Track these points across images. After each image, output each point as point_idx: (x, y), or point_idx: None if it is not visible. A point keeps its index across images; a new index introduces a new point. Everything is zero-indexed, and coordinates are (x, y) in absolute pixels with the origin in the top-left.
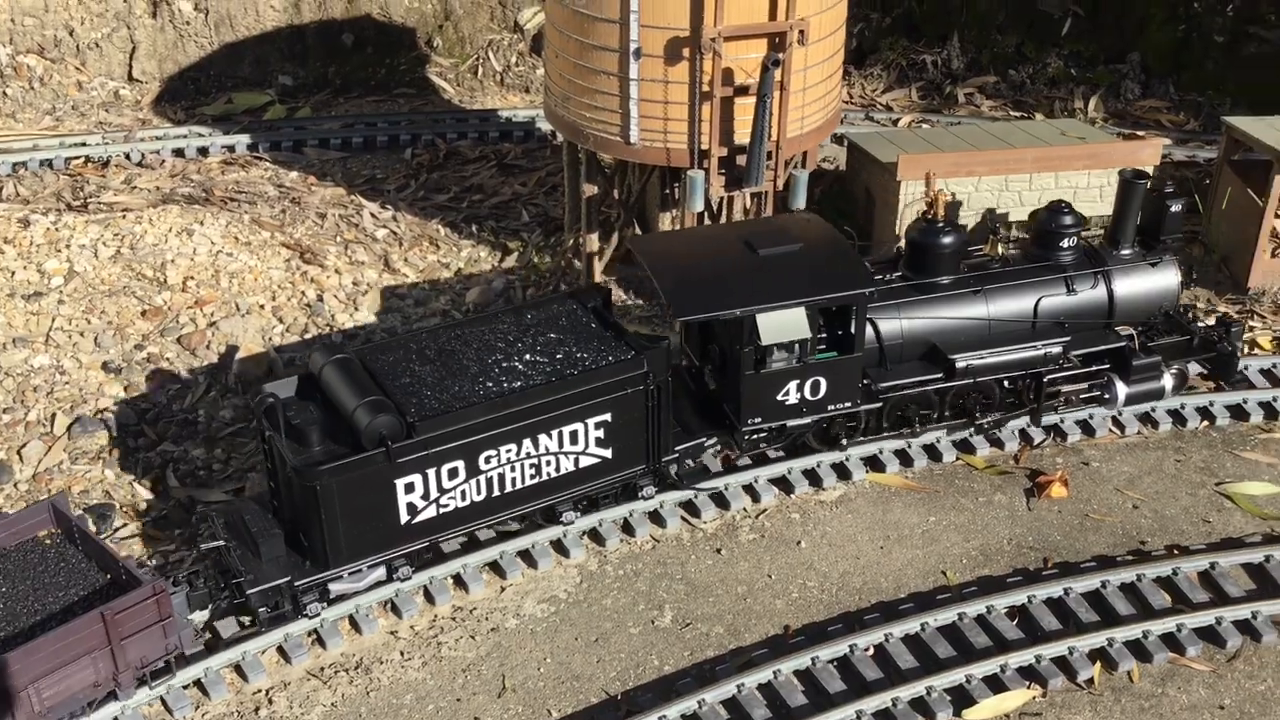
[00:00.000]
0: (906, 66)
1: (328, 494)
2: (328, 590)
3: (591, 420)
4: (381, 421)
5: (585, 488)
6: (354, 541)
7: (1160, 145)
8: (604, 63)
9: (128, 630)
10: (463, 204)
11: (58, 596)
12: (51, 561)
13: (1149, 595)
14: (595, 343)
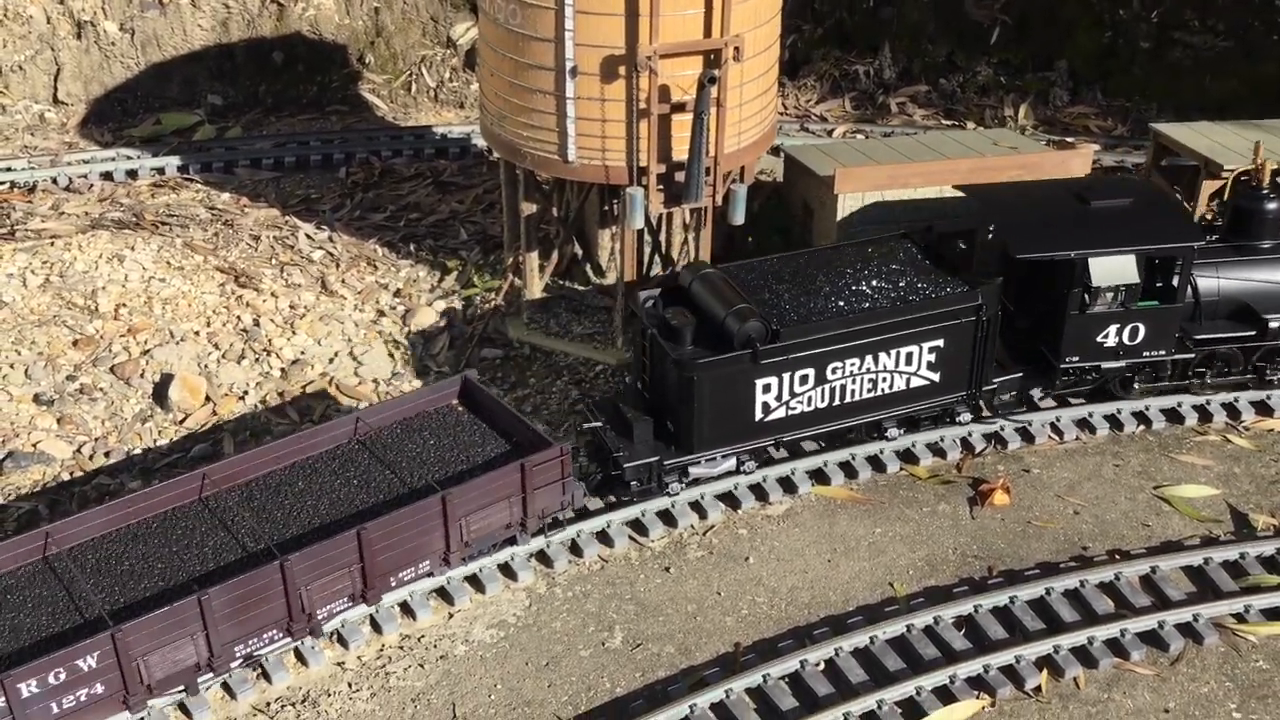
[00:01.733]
0: (839, 77)
1: (701, 386)
2: (687, 472)
3: (926, 345)
4: (751, 326)
5: (911, 408)
6: (715, 431)
7: (1091, 153)
8: (540, 81)
9: (539, 482)
10: (400, 223)
11: (476, 452)
12: (466, 424)
13: (1093, 601)
14: (932, 275)
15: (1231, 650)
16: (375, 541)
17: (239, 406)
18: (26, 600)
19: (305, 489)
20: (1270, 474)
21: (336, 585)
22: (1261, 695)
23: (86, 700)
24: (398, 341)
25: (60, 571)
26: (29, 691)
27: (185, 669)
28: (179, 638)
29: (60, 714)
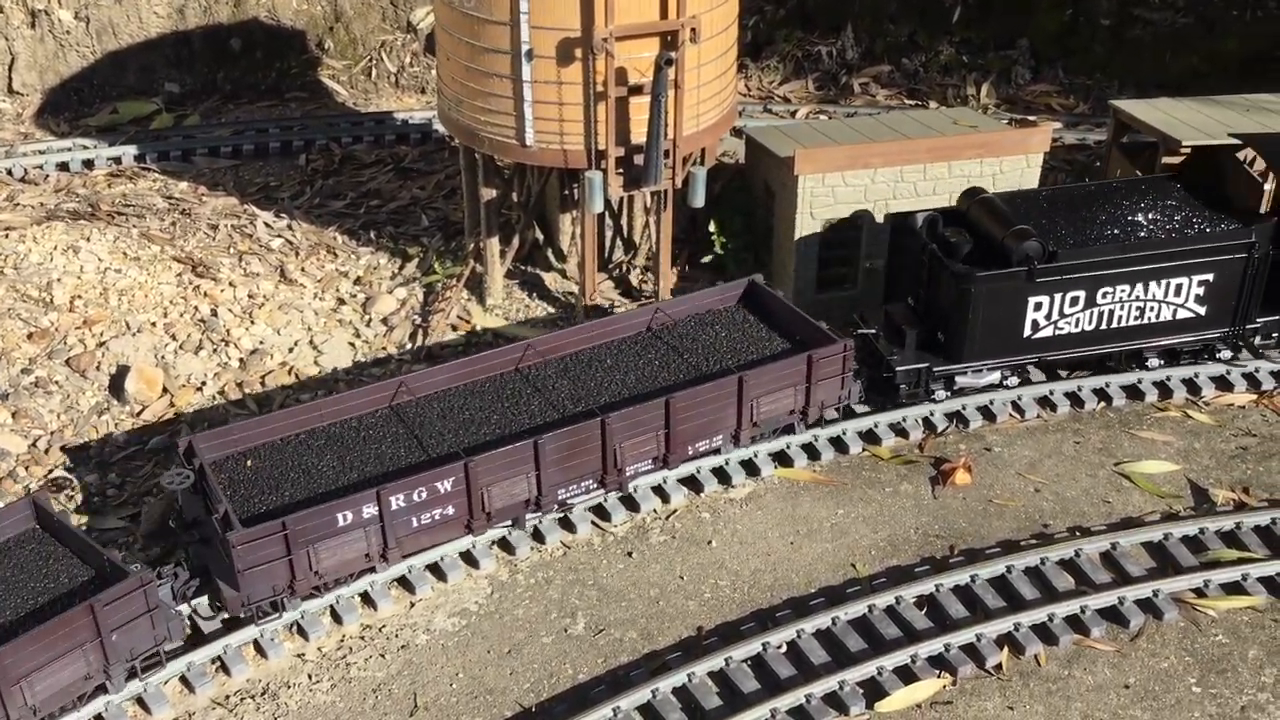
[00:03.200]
0: (802, 58)
1: (977, 299)
2: (954, 381)
3: (1195, 278)
4: (1029, 245)
5: (1174, 339)
6: (984, 344)
7: (1049, 132)
8: (496, 65)
9: (823, 374)
10: (360, 210)
11: (764, 345)
12: (752, 321)
13: (1053, 578)
14: (1205, 211)
15: (1191, 625)
16: (680, 410)
17: (197, 398)
18: (385, 436)
19: (614, 365)
20: (1230, 449)
21: (644, 446)
22: (1221, 669)
23: (439, 520)
24: (358, 330)
25: (407, 417)
26: (397, 504)
27: (517, 503)
28: (516, 474)
29: (417, 528)
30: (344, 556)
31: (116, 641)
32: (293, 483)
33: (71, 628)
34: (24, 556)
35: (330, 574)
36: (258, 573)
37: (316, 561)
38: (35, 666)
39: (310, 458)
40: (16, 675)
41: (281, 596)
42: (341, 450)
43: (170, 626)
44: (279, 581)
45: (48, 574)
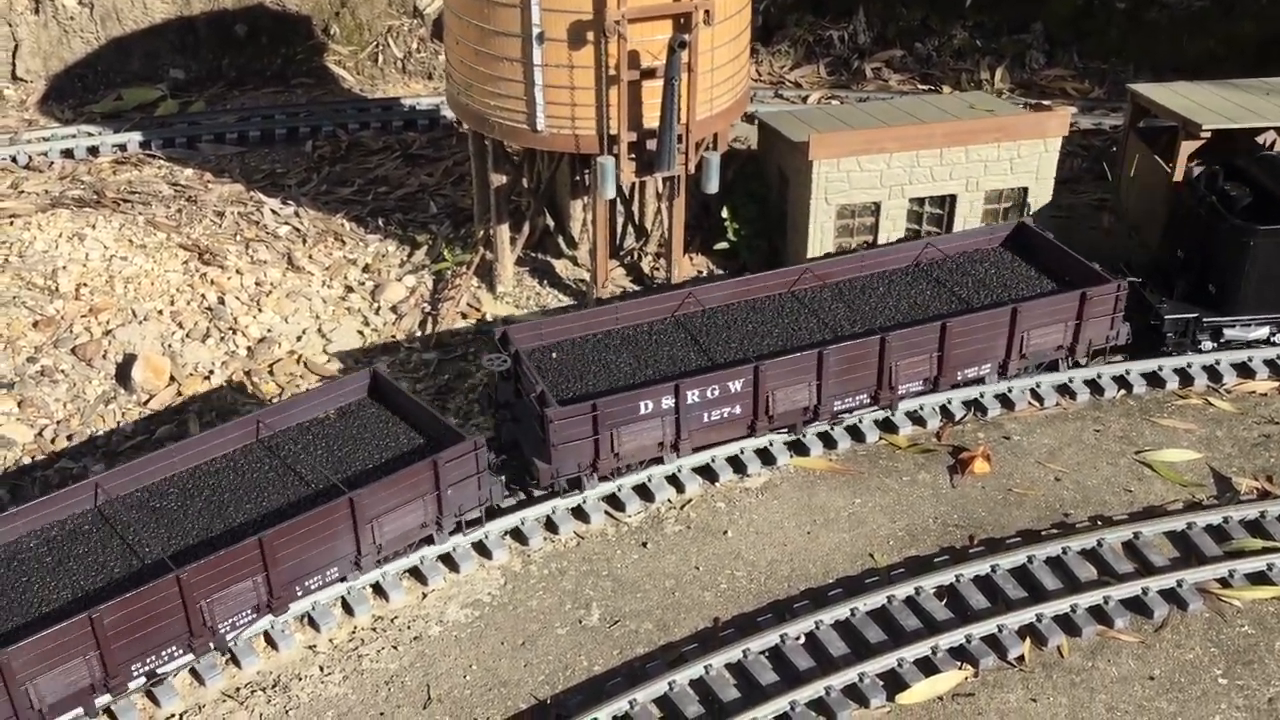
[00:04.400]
0: (813, 43)
1: (1255, 251)
2: (1221, 333)
3: None
4: None
5: None
6: (1258, 298)
7: (1068, 115)
8: (506, 49)
9: (1094, 313)
10: (368, 197)
11: (1032, 285)
12: (1018, 263)
13: (1075, 568)
14: None
15: (1216, 616)
16: (955, 335)
17: (204, 386)
18: (674, 341)
19: (886, 292)
20: (1252, 436)
21: (918, 367)
22: (1247, 660)
23: (726, 418)
24: (367, 318)
25: (692, 326)
26: (692, 399)
27: (797, 409)
28: (799, 382)
29: (706, 424)
30: (641, 442)
31: (450, 496)
32: (594, 374)
33: (417, 479)
34: (365, 419)
35: (627, 457)
36: (568, 449)
37: (619, 444)
38: (385, 510)
39: (609, 355)
40: (372, 516)
41: (584, 474)
42: (636, 350)
43: (492, 489)
44: (584, 459)
45: (386, 435)
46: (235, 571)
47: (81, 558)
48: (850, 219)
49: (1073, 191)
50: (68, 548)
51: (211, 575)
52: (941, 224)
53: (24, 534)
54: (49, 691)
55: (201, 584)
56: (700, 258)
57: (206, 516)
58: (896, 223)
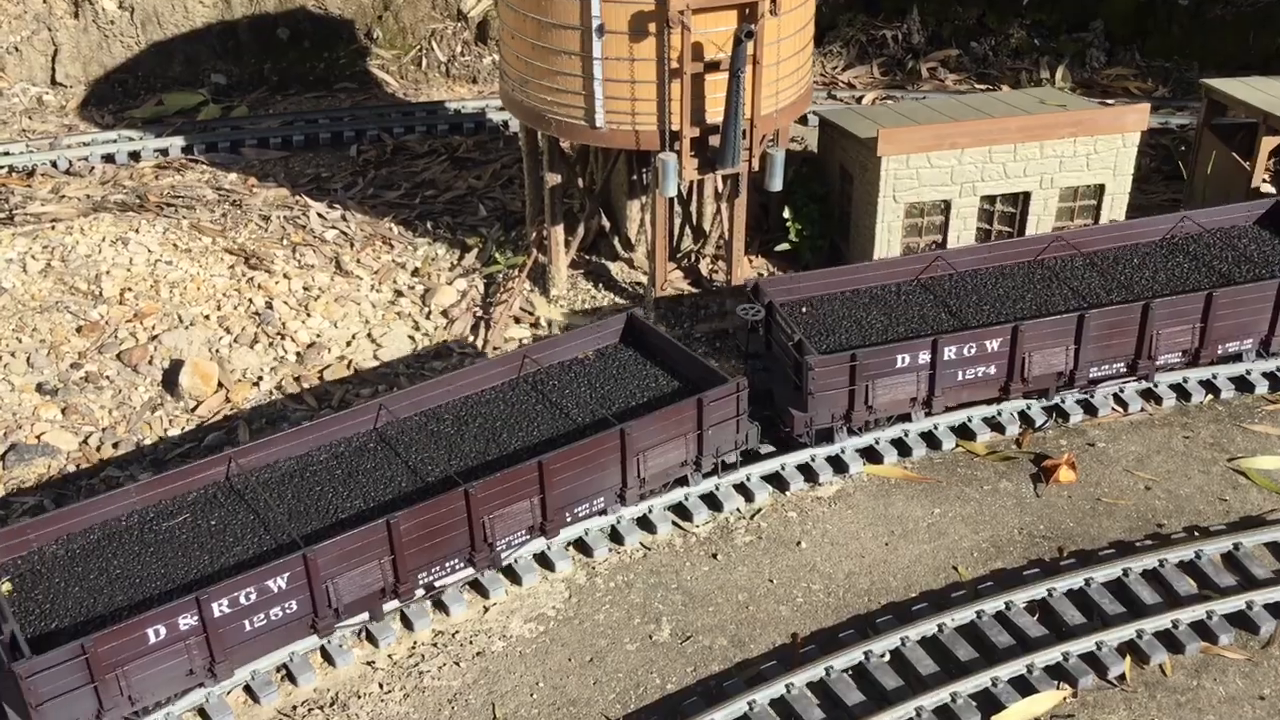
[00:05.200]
0: (866, 43)
1: None
2: None
3: None
4: None
5: None
6: None
7: (1146, 110)
8: (565, 42)
9: None
10: (415, 200)
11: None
12: None
13: (1174, 582)
14: None
15: None
16: (1220, 307)
17: (254, 393)
18: (923, 301)
19: (1140, 264)
20: None
21: (1179, 338)
22: None
23: (980, 378)
24: (417, 322)
25: (939, 289)
26: (948, 355)
27: (1051, 374)
28: (1056, 346)
29: (960, 382)
30: (895, 396)
31: (710, 436)
32: (845, 329)
33: (682, 417)
34: (622, 360)
35: (881, 410)
36: (824, 397)
37: (874, 396)
38: (652, 444)
39: (859, 311)
40: (639, 449)
41: (836, 426)
42: (886, 309)
43: (750, 433)
44: (839, 410)
45: (644, 376)
46: (516, 491)
47: (369, 472)
48: (919, 218)
49: (1142, 191)
50: (355, 462)
51: (496, 493)
52: (1014, 223)
53: (314, 448)
54: (346, 591)
55: (487, 500)
56: (760, 259)
57: (482, 441)
58: (967, 222)
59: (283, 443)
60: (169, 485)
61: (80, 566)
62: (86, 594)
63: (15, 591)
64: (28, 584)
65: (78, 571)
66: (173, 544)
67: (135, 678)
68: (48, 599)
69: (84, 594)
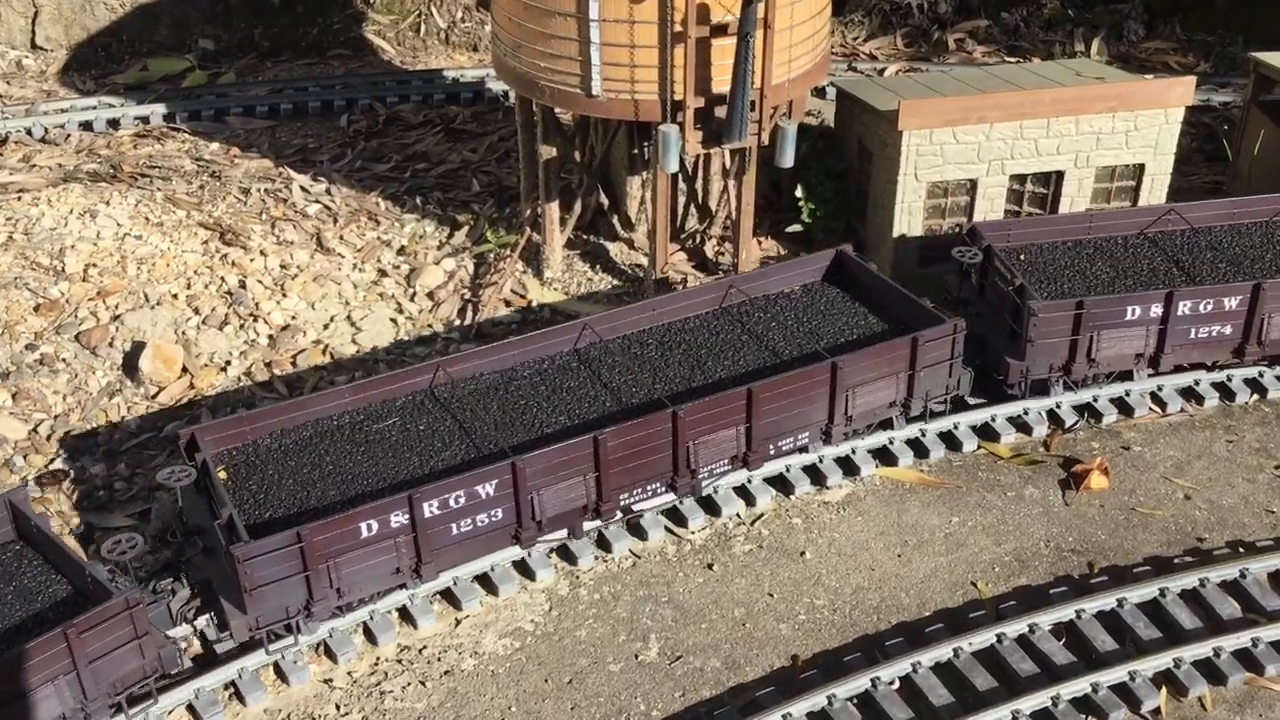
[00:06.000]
0: (890, 12)
1: None
2: None
3: None
4: None
5: None
6: None
7: (1192, 83)
8: (559, 2)
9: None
10: (405, 174)
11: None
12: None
13: (1215, 604)
14: None
15: None
16: None
17: (220, 379)
18: (1141, 258)
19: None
20: None
21: None
22: None
23: (1213, 338)
24: (401, 304)
25: (1165, 243)
26: (1182, 310)
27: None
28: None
29: (1192, 341)
30: (1120, 350)
31: (922, 378)
32: (1068, 279)
33: (895, 355)
34: (829, 297)
35: (1103, 364)
36: (1045, 346)
37: (1097, 348)
38: (861, 381)
39: (1082, 262)
40: (849, 384)
41: (1053, 378)
42: (1111, 261)
43: (962, 378)
44: (1058, 360)
45: (850, 314)
46: (723, 418)
47: (573, 390)
48: (942, 198)
49: (1182, 174)
50: (559, 380)
51: (703, 417)
52: (1045, 205)
53: (519, 363)
54: (550, 505)
55: (693, 424)
56: (770, 241)
57: (686, 367)
58: (994, 203)
59: (489, 355)
60: (380, 389)
61: (293, 460)
62: (299, 487)
63: (230, 480)
64: (242, 474)
65: (291, 465)
66: (382, 445)
67: (345, 571)
68: (261, 489)
69: (296, 487)
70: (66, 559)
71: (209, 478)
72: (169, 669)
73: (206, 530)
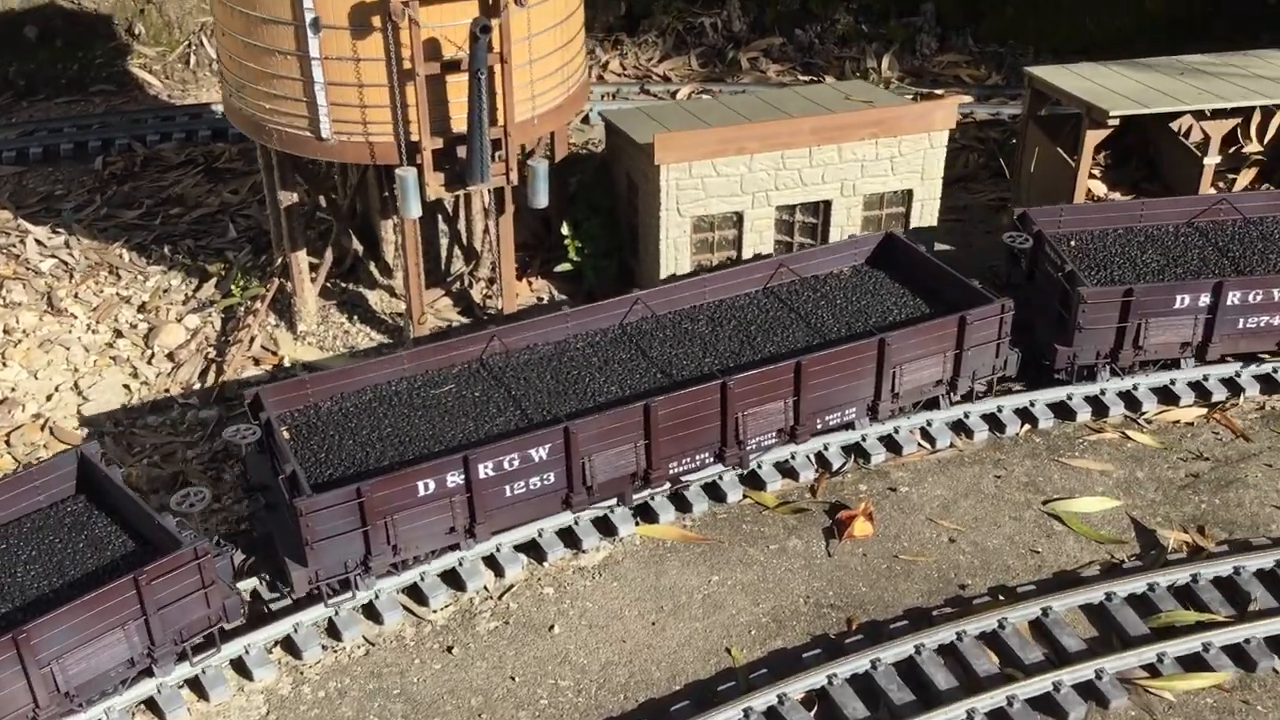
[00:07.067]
0: (684, 31)
1: None
2: None
3: None
4: None
5: None
6: None
7: (955, 105)
8: (278, 39)
9: None
10: (156, 220)
11: None
12: None
13: (973, 659)
14: None
15: (1144, 714)
16: None
17: None
18: (1191, 247)
19: None
20: (1179, 477)
21: None
22: None
23: (1263, 328)
24: (136, 368)
25: (1215, 234)
26: (1231, 300)
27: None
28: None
29: (1241, 330)
30: (1167, 338)
31: (969, 356)
32: (1118, 265)
33: (943, 333)
34: (876, 279)
35: (1149, 352)
36: (1093, 333)
37: (1145, 335)
38: (909, 358)
39: (1132, 250)
40: (897, 361)
41: (1100, 365)
42: (1162, 250)
43: (1009, 359)
44: (1105, 347)
45: (897, 296)
46: (771, 390)
47: (624, 361)
48: (709, 232)
49: (968, 190)
50: (610, 352)
51: (751, 389)
52: (815, 234)
53: (571, 335)
54: (601, 470)
55: (743, 395)
56: (541, 281)
57: (736, 342)
58: (763, 235)
59: (542, 327)
60: (436, 356)
61: (353, 422)
62: (358, 447)
63: (293, 440)
64: (304, 434)
65: (350, 427)
66: (439, 410)
67: (402, 528)
68: (323, 449)
69: (356, 447)
70: (138, 510)
71: (272, 437)
72: (232, 620)
73: (269, 487)
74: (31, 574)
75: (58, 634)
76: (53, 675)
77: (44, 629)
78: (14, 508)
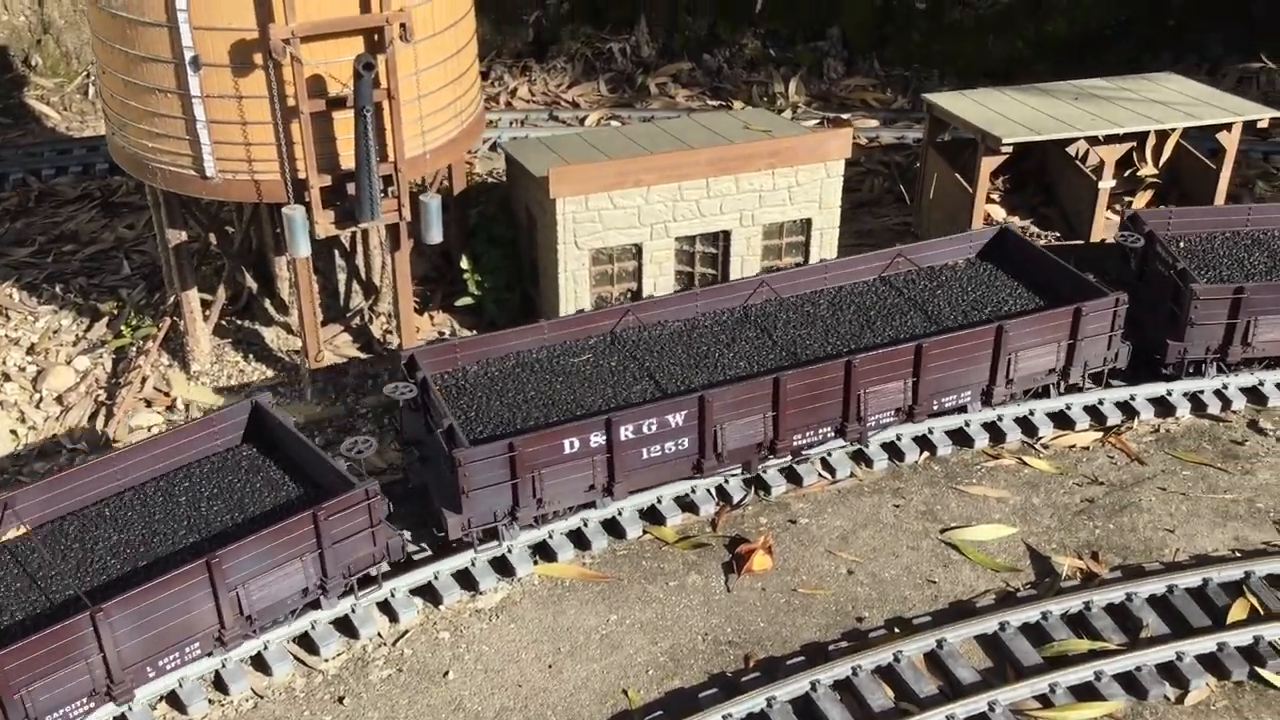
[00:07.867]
0: (592, 57)
1: None
2: None
3: None
4: None
5: None
6: None
7: (850, 135)
8: (158, 77)
9: None
10: (48, 258)
11: None
12: None
13: (868, 694)
14: None
15: None
16: None
17: None
18: None
19: None
20: (1074, 503)
21: None
22: None
23: None
24: (24, 413)
25: None
26: None
27: None
28: None
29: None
30: (1275, 335)
31: (1083, 347)
32: (1226, 266)
33: (1058, 323)
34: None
35: (1258, 349)
36: (1203, 330)
37: (1254, 333)
38: (1025, 345)
39: (1240, 251)
40: (1013, 348)
41: (1209, 358)
42: (1269, 253)
43: (1121, 351)
44: (1214, 343)
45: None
46: (892, 370)
47: (750, 340)
48: (608, 264)
49: (874, 215)
50: (736, 331)
51: (874, 369)
52: (716, 264)
53: (700, 313)
54: (731, 438)
55: (865, 374)
56: (442, 315)
57: (857, 326)
58: (663, 267)
59: (674, 304)
60: (575, 327)
61: (499, 386)
62: (505, 409)
63: (444, 399)
64: (453, 395)
65: (497, 389)
66: (578, 377)
67: (548, 483)
68: (472, 408)
69: (503, 409)
70: (311, 454)
71: (427, 394)
72: (395, 558)
73: (424, 441)
74: (215, 509)
75: (245, 560)
76: (238, 599)
77: (233, 555)
78: (194, 450)
